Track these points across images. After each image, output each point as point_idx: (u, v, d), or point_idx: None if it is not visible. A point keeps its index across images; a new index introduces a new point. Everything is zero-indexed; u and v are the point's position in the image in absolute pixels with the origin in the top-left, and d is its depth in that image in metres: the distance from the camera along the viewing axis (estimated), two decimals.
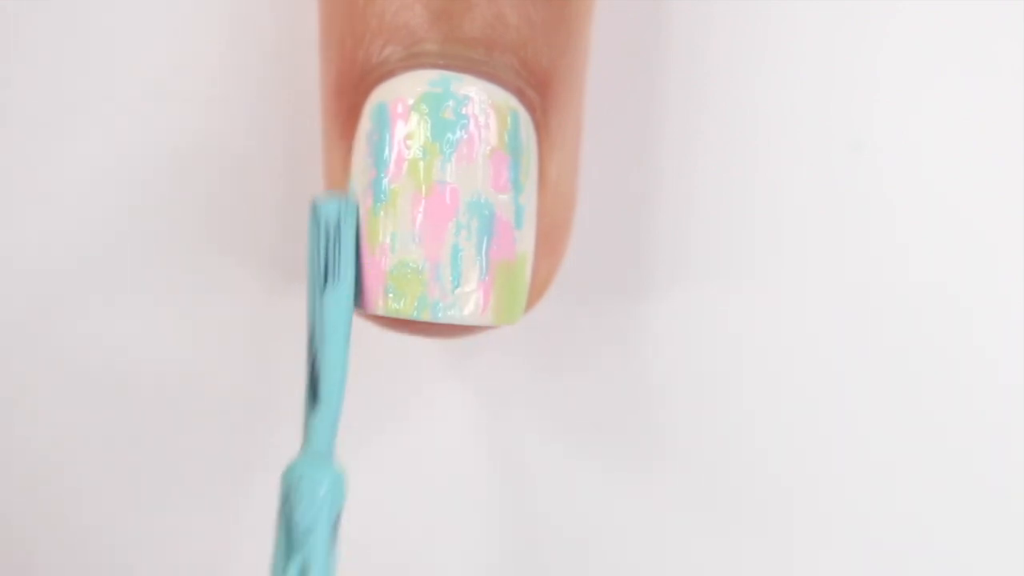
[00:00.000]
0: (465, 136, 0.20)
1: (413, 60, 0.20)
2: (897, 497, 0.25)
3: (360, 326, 0.20)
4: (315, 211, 0.20)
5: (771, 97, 0.25)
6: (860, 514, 0.25)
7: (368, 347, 0.23)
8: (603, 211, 0.25)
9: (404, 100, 0.20)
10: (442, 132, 0.20)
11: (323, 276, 0.19)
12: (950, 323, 0.25)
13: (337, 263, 0.19)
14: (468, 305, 0.20)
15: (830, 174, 0.25)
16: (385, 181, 0.20)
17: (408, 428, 0.25)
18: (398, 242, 0.20)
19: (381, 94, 0.20)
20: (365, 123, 0.20)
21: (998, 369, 0.25)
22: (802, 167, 0.25)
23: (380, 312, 0.20)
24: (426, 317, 0.20)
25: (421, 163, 0.20)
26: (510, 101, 0.20)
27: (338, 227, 0.19)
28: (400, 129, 0.20)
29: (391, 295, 0.20)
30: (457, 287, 0.20)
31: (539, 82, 0.21)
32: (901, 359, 0.25)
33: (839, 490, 0.25)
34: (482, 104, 0.20)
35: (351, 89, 0.21)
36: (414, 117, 0.20)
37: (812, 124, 0.25)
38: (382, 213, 0.20)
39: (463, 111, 0.20)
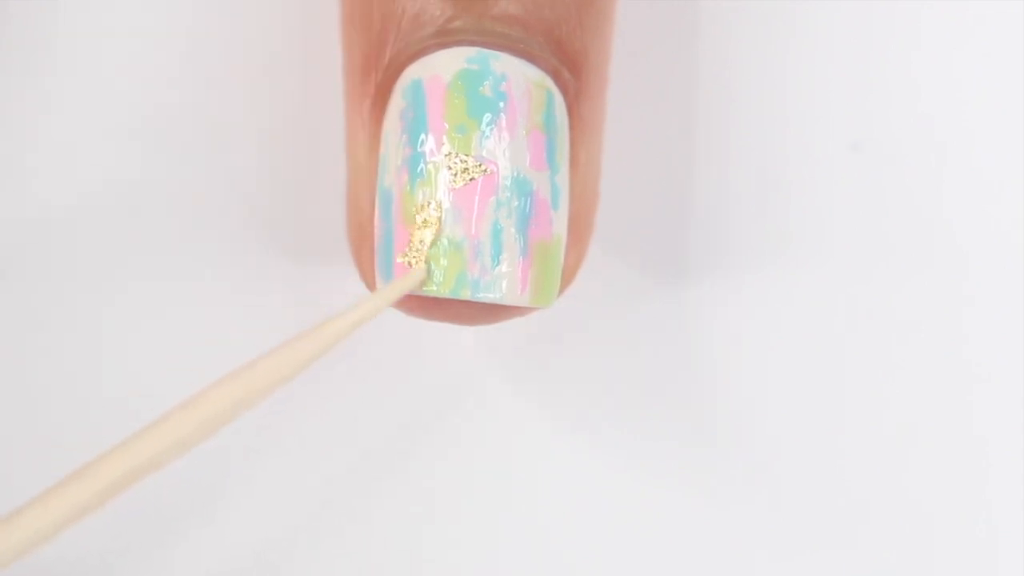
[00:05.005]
0: (504, 114, 0.19)
1: (447, 37, 0.20)
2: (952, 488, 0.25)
3: (395, 323, 0.20)
4: None
5: (803, 80, 0.25)
6: (916, 497, 0.24)
7: (411, 341, 0.23)
8: (639, 197, 0.24)
9: (440, 77, 0.20)
10: (481, 109, 0.19)
11: None
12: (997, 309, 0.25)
13: None
14: (507, 284, 0.19)
15: (867, 159, 0.25)
16: (422, 158, 0.19)
17: (447, 421, 0.24)
18: None
19: (415, 71, 0.20)
20: (398, 101, 0.20)
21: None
22: (837, 151, 0.25)
23: (417, 291, 0.19)
24: (465, 295, 0.19)
25: (459, 139, 0.19)
26: (546, 81, 0.20)
27: None
28: (437, 106, 0.19)
29: (428, 273, 0.19)
30: (497, 265, 0.19)
31: (573, 64, 0.20)
32: (953, 340, 0.25)
33: (884, 474, 0.24)
34: (519, 82, 0.20)
35: (379, 69, 0.20)
36: (451, 94, 0.19)
37: (847, 104, 0.25)
38: (419, 191, 0.19)
39: (501, 88, 0.20)
